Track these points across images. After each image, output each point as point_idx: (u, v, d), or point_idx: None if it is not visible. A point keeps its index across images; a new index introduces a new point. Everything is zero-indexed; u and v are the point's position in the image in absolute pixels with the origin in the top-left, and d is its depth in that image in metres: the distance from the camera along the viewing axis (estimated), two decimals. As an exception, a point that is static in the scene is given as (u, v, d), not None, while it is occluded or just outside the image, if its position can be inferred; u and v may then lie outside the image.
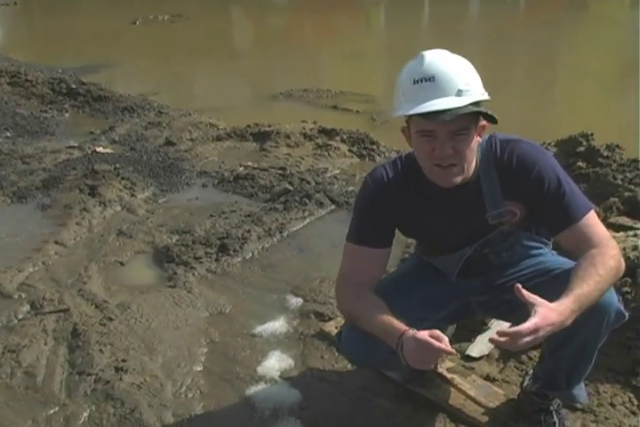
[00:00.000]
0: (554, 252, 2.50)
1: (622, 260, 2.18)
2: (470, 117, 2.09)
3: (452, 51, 2.16)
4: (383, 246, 2.41)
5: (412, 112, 2.05)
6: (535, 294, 2.26)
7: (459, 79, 2.06)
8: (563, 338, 2.26)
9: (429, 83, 2.05)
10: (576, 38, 13.06)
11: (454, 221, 2.35)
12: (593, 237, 2.16)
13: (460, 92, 2.04)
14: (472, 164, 2.22)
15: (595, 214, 2.22)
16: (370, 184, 2.42)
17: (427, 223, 2.40)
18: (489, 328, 3.20)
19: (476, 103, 2.08)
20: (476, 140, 2.18)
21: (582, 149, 4.86)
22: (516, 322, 2.12)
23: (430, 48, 2.15)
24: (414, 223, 2.43)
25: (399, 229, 2.51)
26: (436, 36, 14.26)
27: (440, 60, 2.09)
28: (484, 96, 2.12)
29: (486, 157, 2.27)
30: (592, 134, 4.99)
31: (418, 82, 2.07)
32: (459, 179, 2.19)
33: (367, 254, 2.38)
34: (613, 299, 2.20)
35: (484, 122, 2.17)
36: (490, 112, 2.12)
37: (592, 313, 2.15)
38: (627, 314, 2.28)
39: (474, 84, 2.10)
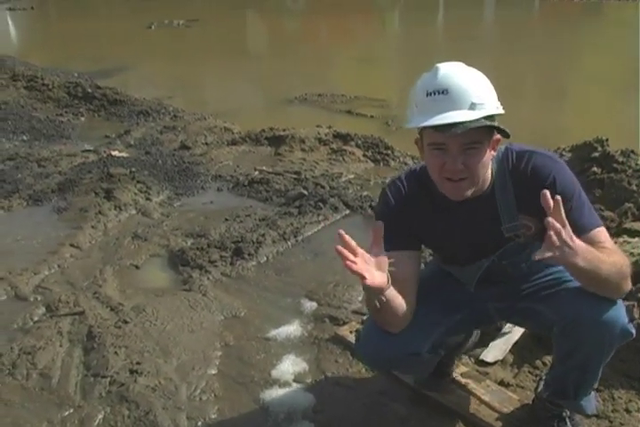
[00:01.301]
0: None
1: (629, 273, 2.14)
2: (483, 131, 2.07)
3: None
4: (411, 249, 2.38)
5: (423, 124, 2.04)
6: (550, 303, 2.28)
7: (472, 93, 2.04)
8: (569, 349, 2.29)
9: (443, 95, 2.04)
10: (590, 43, 13.03)
11: (470, 234, 2.35)
12: (603, 246, 2.13)
13: (473, 106, 2.03)
14: (485, 178, 2.22)
15: (605, 231, 2.19)
16: (388, 197, 2.42)
17: (444, 235, 2.40)
18: (503, 334, 3.19)
19: (490, 117, 2.07)
20: (490, 155, 2.16)
21: (597, 154, 4.85)
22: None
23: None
24: (431, 235, 2.42)
25: (420, 239, 2.50)
26: (450, 40, 14.25)
27: (454, 74, 2.08)
28: (499, 110, 2.11)
29: (502, 169, 2.26)
30: (607, 140, 4.99)
31: (431, 94, 2.06)
32: (469, 193, 2.18)
33: (396, 257, 2.23)
34: (619, 316, 2.18)
35: (497, 136, 2.15)
36: (502, 126, 2.11)
37: (596, 327, 2.16)
38: (634, 332, 2.25)
39: (488, 97, 2.08)
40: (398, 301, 2.20)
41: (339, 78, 11.00)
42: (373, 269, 2.02)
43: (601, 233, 2.17)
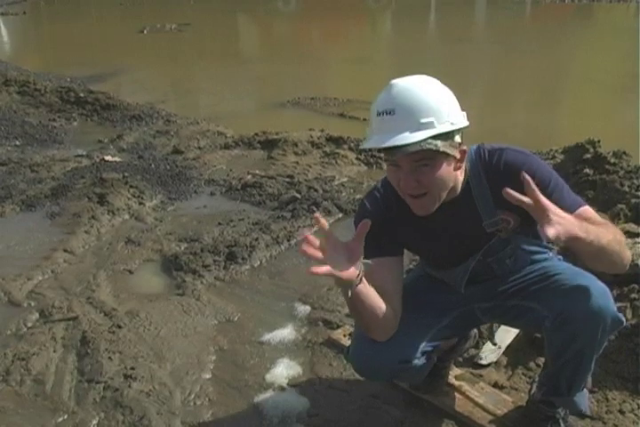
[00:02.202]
0: (560, 257, 2.50)
1: (625, 242, 2.15)
2: (435, 150, 2.05)
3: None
4: (392, 255, 2.39)
5: (371, 146, 2.07)
6: (539, 299, 2.29)
7: (420, 112, 2.02)
8: (561, 344, 2.30)
9: (389, 116, 2.04)
10: (581, 45, 13.08)
11: (453, 235, 2.36)
12: (593, 221, 2.09)
13: (419, 126, 2.01)
14: (455, 186, 2.22)
15: (591, 209, 2.19)
16: (366, 207, 2.43)
17: (427, 240, 2.42)
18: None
19: (444, 134, 2.04)
20: (448, 170, 2.12)
21: (589, 156, 4.87)
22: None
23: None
24: (415, 241, 2.44)
25: (404, 245, 2.51)
26: (442, 42, 14.29)
27: (405, 92, 2.05)
28: (455, 126, 2.08)
29: (476, 168, 2.27)
30: (599, 141, 5.01)
31: (380, 114, 2.06)
32: (430, 209, 2.18)
33: (377, 264, 2.28)
34: (610, 305, 2.21)
35: (462, 148, 2.14)
36: (442, 149, 2.05)
37: (588, 319, 2.18)
38: (624, 320, 2.28)
39: (441, 114, 2.05)
40: (374, 301, 2.19)
41: (331, 81, 11.03)
42: (343, 261, 2.00)
43: (587, 211, 2.17)
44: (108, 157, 6.65)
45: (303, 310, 3.76)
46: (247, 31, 19.61)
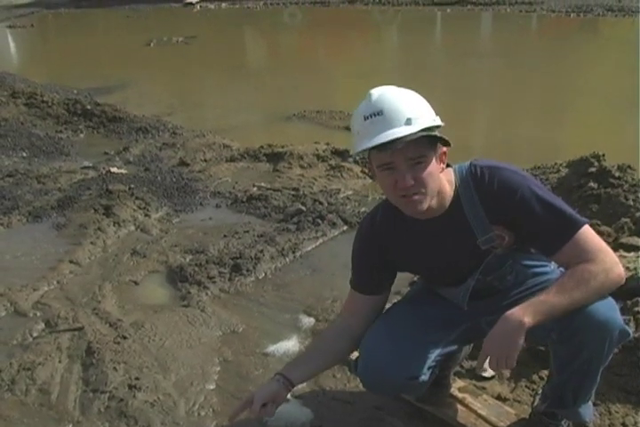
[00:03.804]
0: (562, 269, 2.51)
1: (620, 271, 2.18)
2: (425, 145, 2.14)
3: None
4: (371, 293, 2.57)
5: (365, 146, 2.12)
6: None
7: (406, 110, 2.13)
8: (568, 356, 2.31)
9: (379, 117, 2.13)
10: (586, 60, 13.08)
11: (449, 253, 2.39)
12: (583, 255, 2.17)
13: (408, 121, 2.10)
14: (443, 191, 2.28)
15: (587, 229, 2.22)
16: (359, 235, 2.58)
17: (422, 259, 2.46)
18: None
19: (429, 129, 2.14)
20: (438, 167, 2.22)
21: (594, 169, 4.87)
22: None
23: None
24: (410, 261, 2.50)
25: (398, 269, 2.60)
26: (447, 56, 14.31)
27: (386, 95, 2.18)
28: (436, 122, 2.19)
29: (466, 183, 2.30)
30: (603, 155, 5.01)
31: (368, 117, 2.15)
32: (424, 206, 2.22)
33: (356, 298, 2.60)
34: (617, 317, 2.22)
35: (443, 149, 2.23)
36: (440, 135, 2.18)
37: (595, 331, 2.19)
38: (630, 332, 2.31)
39: (422, 112, 2.17)
40: (315, 370, 2.66)
41: (337, 95, 11.04)
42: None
43: (581, 235, 2.20)
44: (114, 169, 6.68)
45: (307, 321, 3.77)
46: (253, 44, 19.66)
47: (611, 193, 4.53)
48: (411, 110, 2.13)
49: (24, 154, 7.61)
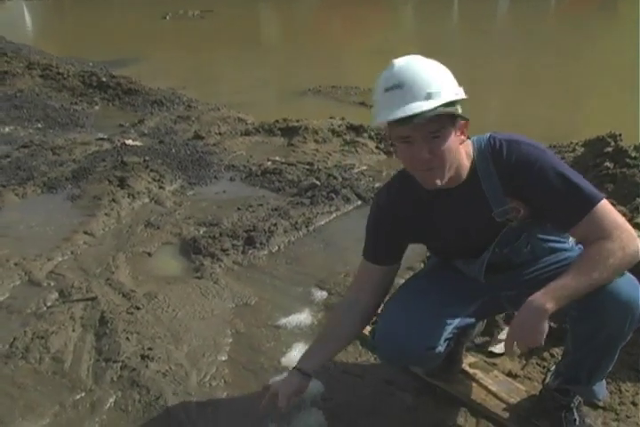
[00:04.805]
0: (580, 246, 2.49)
1: (637, 247, 2.15)
2: (445, 119, 2.11)
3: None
4: (382, 263, 2.56)
5: (383, 119, 2.10)
6: None
7: (427, 83, 2.08)
8: (587, 333, 2.29)
9: (399, 90, 2.08)
10: (605, 39, 12.98)
11: (463, 224, 2.37)
12: (599, 231, 2.15)
13: (429, 96, 2.06)
14: (460, 164, 2.25)
15: (604, 204, 2.19)
16: (375, 205, 2.56)
17: (438, 231, 2.44)
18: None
19: (451, 103, 2.10)
20: (458, 139, 2.19)
21: (610, 149, 4.84)
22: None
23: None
24: (425, 234, 2.48)
25: (415, 240, 2.59)
26: (463, 33, 14.23)
27: (408, 67, 2.13)
28: (458, 96, 2.14)
29: (484, 156, 2.28)
30: (620, 135, 4.98)
31: (388, 90, 2.11)
32: (441, 180, 2.20)
33: (367, 269, 2.59)
34: (638, 295, 2.19)
35: (464, 121, 2.19)
36: (458, 112, 2.14)
37: (617, 309, 2.17)
38: None
39: (444, 86, 2.11)
40: (328, 354, 2.65)
41: (352, 70, 11.01)
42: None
43: (599, 210, 2.17)
44: (129, 141, 6.69)
45: (320, 295, 3.78)
46: (269, 19, 19.58)
47: (626, 173, 4.50)
48: (432, 84, 2.09)
49: (39, 125, 7.65)
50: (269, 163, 6.06)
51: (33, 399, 2.96)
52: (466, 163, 2.27)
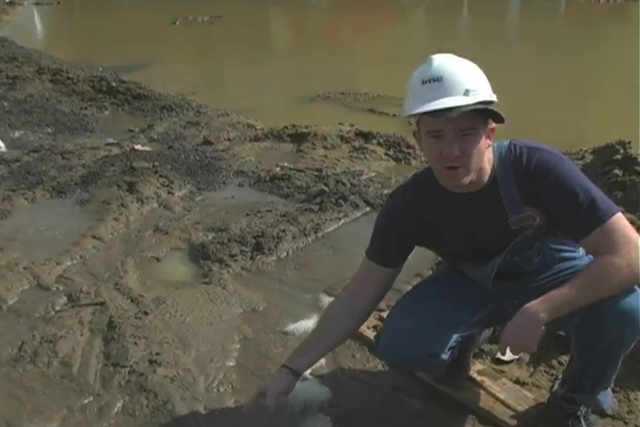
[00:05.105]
0: (590, 256, 2.48)
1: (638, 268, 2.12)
2: (478, 118, 2.11)
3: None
4: (387, 266, 2.54)
5: (420, 110, 2.07)
6: None
7: (466, 80, 2.09)
8: (589, 341, 2.30)
9: (437, 83, 2.08)
10: (614, 45, 12.96)
11: (478, 229, 2.36)
12: (609, 245, 2.13)
13: (467, 92, 2.07)
14: (483, 167, 2.24)
15: (618, 218, 2.17)
16: (389, 205, 2.55)
17: (451, 234, 2.42)
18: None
19: (485, 104, 2.10)
20: (485, 143, 2.18)
21: (619, 156, 4.83)
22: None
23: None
24: (440, 235, 2.45)
25: (425, 244, 2.57)
26: (474, 38, 14.23)
27: (448, 63, 2.13)
28: (493, 97, 2.15)
29: (504, 162, 2.27)
30: (629, 142, 4.97)
31: (426, 82, 2.10)
32: (466, 180, 2.19)
33: (369, 269, 2.57)
34: (639, 307, 2.18)
35: (492, 125, 2.18)
36: (497, 110, 2.13)
37: (618, 319, 2.18)
38: None
39: (481, 85, 2.13)
40: (321, 353, 2.65)
41: (362, 76, 11.01)
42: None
43: (611, 224, 2.15)
44: (138, 147, 6.71)
45: (328, 301, 3.77)
46: (279, 25, 19.62)
47: (636, 180, 4.49)
48: (470, 82, 2.10)
49: (49, 130, 7.67)
50: (278, 169, 6.06)
51: (41, 403, 2.97)
52: (487, 168, 2.26)
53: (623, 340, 2.26)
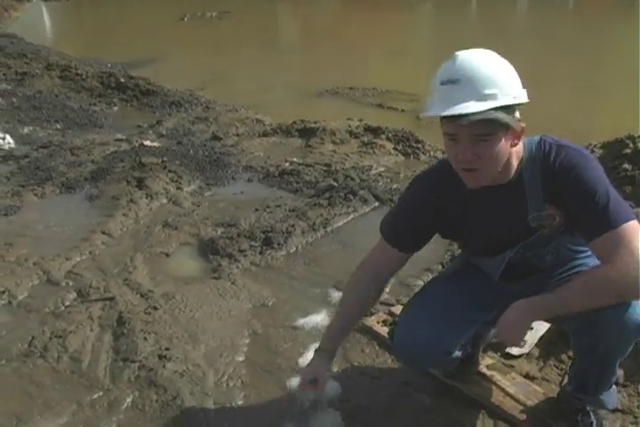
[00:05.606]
0: None
1: (635, 281, 2.05)
2: (496, 123, 2.03)
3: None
4: (402, 252, 2.52)
5: (434, 113, 2.04)
6: None
7: (484, 83, 2.01)
8: (588, 346, 2.31)
9: (454, 85, 2.02)
10: (623, 38, 12.90)
11: (496, 223, 2.34)
12: (612, 253, 2.07)
13: (483, 97, 1.99)
14: (508, 166, 2.19)
15: (631, 226, 2.08)
16: (417, 186, 2.49)
17: (469, 225, 2.40)
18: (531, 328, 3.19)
19: (507, 107, 2.04)
20: (507, 145, 2.11)
21: (628, 151, 4.82)
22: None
23: (476, 47, 2.13)
24: (458, 224, 2.43)
25: (441, 233, 2.54)
26: (482, 34, 14.18)
27: (470, 63, 2.04)
28: (517, 100, 2.07)
29: (533, 159, 2.22)
30: (638, 136, 4.95)
31: (444, 83, 2.05)
32: (481, 182, 2.17)
33: (386, 250, 2.53)
34: (634, 313, 2.15)
35: (522, 125, 2.12)
36: (511, 119, 2.06)
37: (612, 328, 2.17)
38: None
39: (504, 87, 2.03)
40: (345, 333, 2.64)
41: (370, 72, 11.00)
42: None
43: (620, 232, 2.08)
44: (147, 142, 6.71)
45: (337, 296, 3.75)
46: (287, 20, 19.61)
47: (645, 175, 4.48)
48: (490, 84, 2.01)
49: (58, 126, 7.69)
50: (287, 164, 6.06)
51: (51, 398, 2.97)
52: (515, 163, 2.21)
53: (619, 345, 2.26)
